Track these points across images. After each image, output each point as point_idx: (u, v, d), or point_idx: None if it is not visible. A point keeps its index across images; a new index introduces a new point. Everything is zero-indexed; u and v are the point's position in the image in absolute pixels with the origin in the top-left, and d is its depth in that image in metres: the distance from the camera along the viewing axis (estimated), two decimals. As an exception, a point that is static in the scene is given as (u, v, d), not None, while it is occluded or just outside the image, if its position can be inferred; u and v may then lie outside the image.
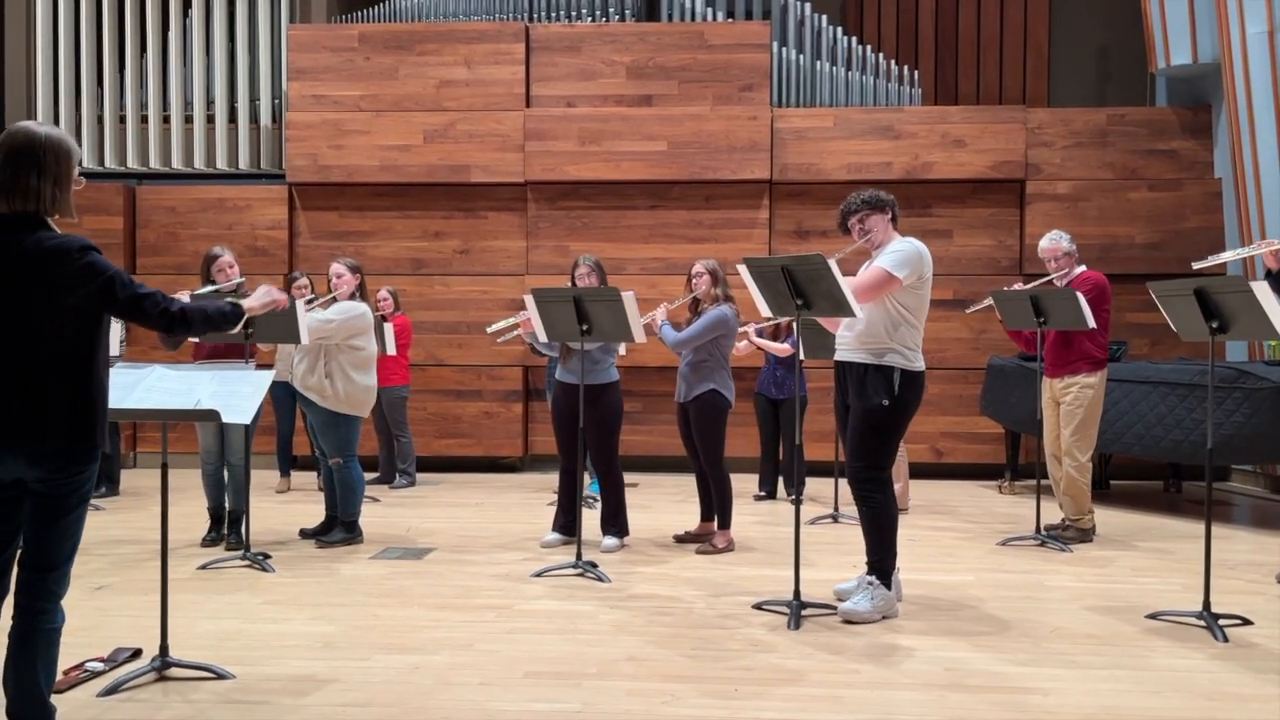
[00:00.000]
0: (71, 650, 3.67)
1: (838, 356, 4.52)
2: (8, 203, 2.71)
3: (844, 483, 7.05)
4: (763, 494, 7.59)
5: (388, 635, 4.01)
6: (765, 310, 4.53)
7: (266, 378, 3.52)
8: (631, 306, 4.95)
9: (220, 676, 3.47)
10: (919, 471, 7.86)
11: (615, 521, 5.76)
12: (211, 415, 3.33)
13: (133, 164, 9.85)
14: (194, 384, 3.47)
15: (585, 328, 5.05)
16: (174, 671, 3.49)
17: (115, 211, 9.32)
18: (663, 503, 7.36)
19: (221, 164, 9.80)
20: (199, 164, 9.82)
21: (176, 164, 9.83)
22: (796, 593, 4.29)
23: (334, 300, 5.82)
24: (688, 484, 8.19)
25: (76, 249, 2.72)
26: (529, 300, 5.25)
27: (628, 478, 6.69)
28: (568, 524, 5.89)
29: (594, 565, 5.07)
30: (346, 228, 9.32)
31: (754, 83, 9.08)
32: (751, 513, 6.97)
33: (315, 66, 9.23)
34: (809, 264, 4.12)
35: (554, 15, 9.59)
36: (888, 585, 4.30)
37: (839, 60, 9.45)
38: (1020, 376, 7.68)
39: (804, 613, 4.22)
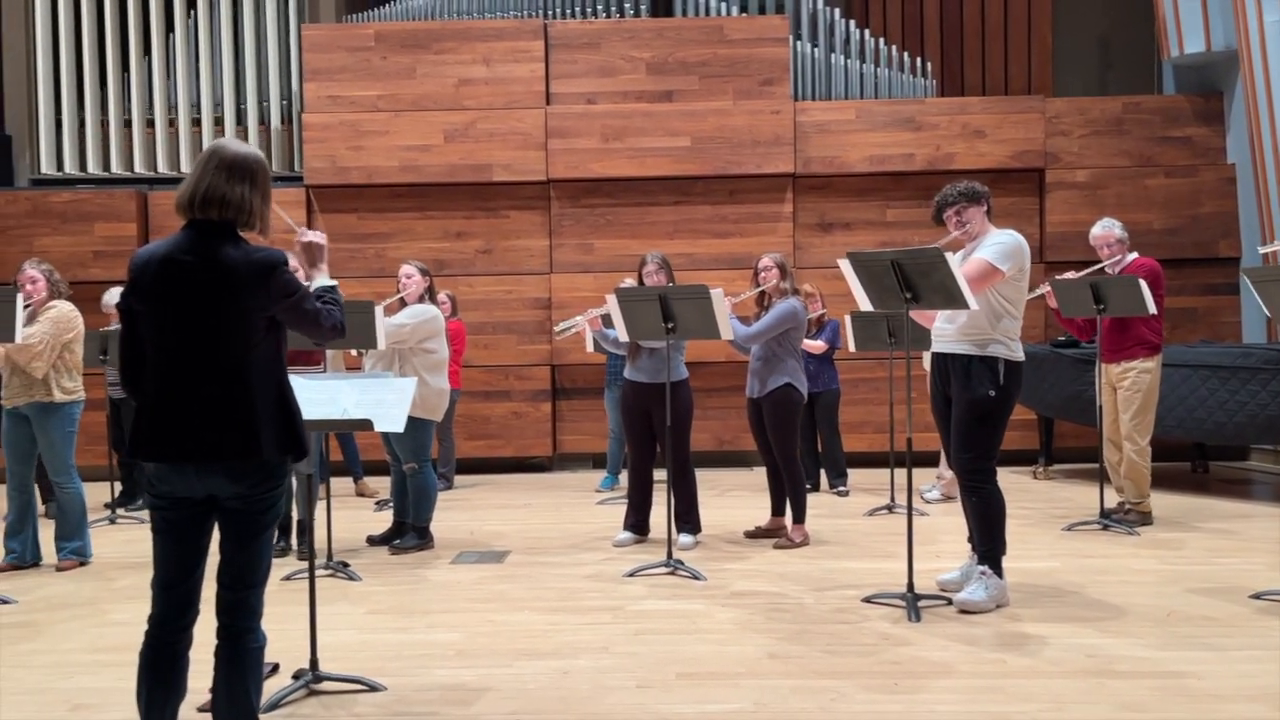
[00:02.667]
0: (202, 669, 3.61)
1: (936, 349, 4.54)
2: (219, 211, 2.64)
3: (900, 473, 7.17)
4: (808, 485, 7.61)
5: (514, 641, 3.98)
6: (865, 304, 4.54)
7: (410, 385, 3.47)
8: (720, 304, 4.95)
9: (372, 688, 3.42)
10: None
11: (689, 518, 5.75)
12: (364, 424, 3.28)
13: (140, 169, 9.63)
14: (335, 393, 3.41)
15: (670, 326, 5.04)
16: (322, 685, 3.43)
17: (128, 218, 9.11)
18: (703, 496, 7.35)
19: (232, 167, 9.61)
20: (209, 167, 9.63)
21: (185, 168, 9.62)
22: (910, 585, 4.31)
23: (403, 303, 5.75)
24: (726, 479, 8.29)
25: (282, 261, 2.67)
26: (611, 300, 5.22)
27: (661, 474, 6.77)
28: (639, 522, 5.88)
29: (681, 563, 5.07)
30: (366, 230, 9.20)
31: (774, 76, 9.11)
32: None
33: (331, 67, 9.08)
34: (924, 257, 4.15)
35: (568, 12, 9.53)
36: (999, 574, 4.35)
37: (852, 53, 9.51)
38: (1053, 362, 7.80)
39: (919, 604, 4.25)
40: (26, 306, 5.00)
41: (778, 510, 5.99)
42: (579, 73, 9.13)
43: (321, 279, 2.95)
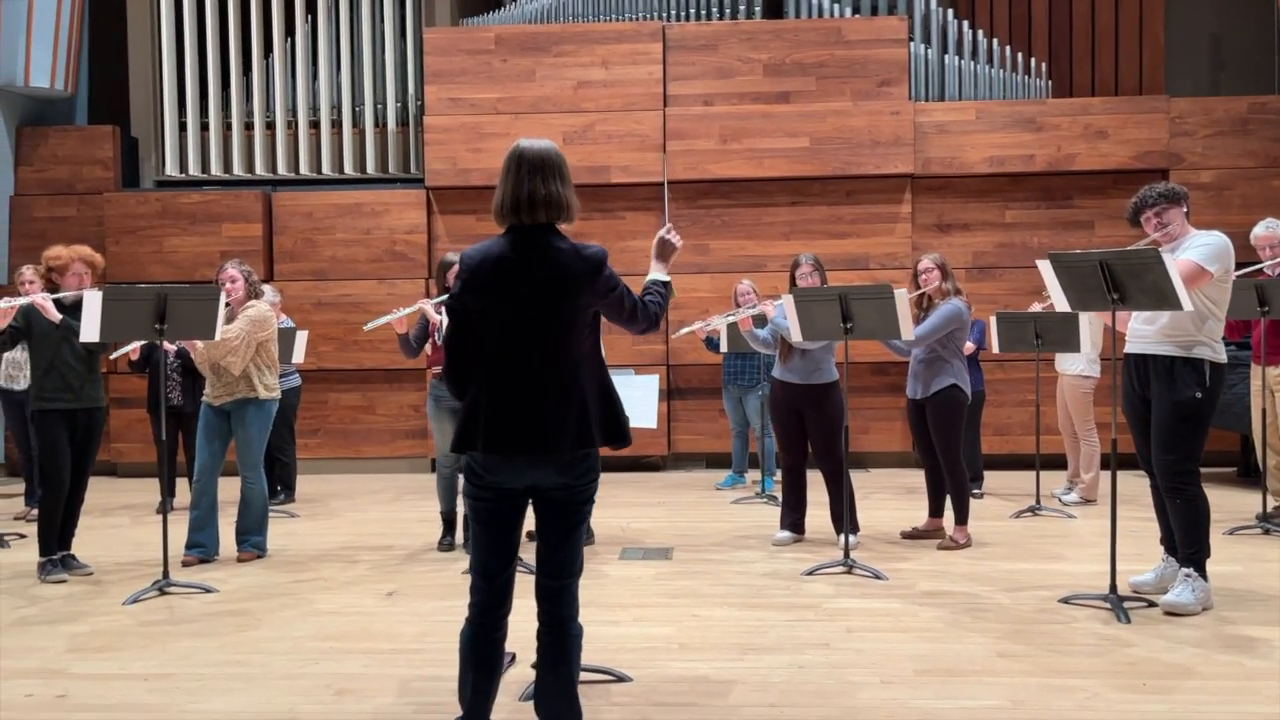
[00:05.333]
0: (429, 657, 3.70)
1: (1134, 349, 4.52)
2: (546, 213, 2.71)
3: (1045, 475, 7.14)
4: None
5: (730, 635, 4.03)
6: (1063, 305, 4.53)
7: (654, 381, 3.53)
8: (903, 304, 4.97)
9: (619, 679, 3.48)
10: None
11: (849, 518, 5.76)
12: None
13: (261, 170, 9.83)
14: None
15: (848, 325, 5.07)
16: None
17: (254, 218, 9.30)
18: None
19: (350, 169, 9.79)
20: (327, 169, 9.81)
21: (305, 170, 9.82)
22: (1113, 587, 4.32)
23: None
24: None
25: (605, 257, 2.74)
26: (786, 300, 5.26)
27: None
28: (797, 521, 5.92)
29: (856, 562, 5.10)
30: (484, 231, 9.28)
31: (892, 77, 9.10)
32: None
33: (452, 69, 9.22)
34: (1138, 258, 4.14)
35: (685, 14, 9.59)
36: (1204, 577, 4.33)
37: (965, 53, 9.48)
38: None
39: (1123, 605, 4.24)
40: (225, 305, 5.14)
41: (935, 511, 5.99)
42: (696, 74, 9.18)
43: (657, 273, 3.03)
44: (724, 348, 7.55)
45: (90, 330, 4.64)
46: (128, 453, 9.27)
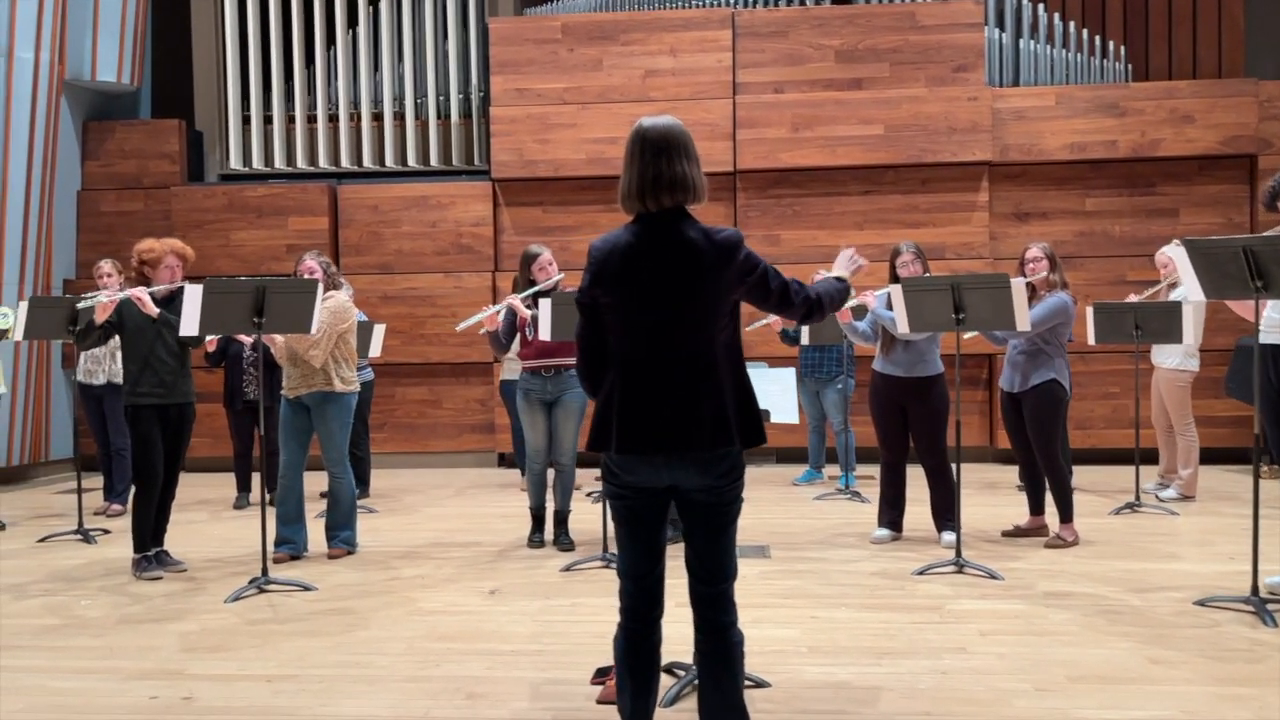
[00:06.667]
0: (551, 659, 3.59)
1: (1270, 340, 4.32)
2: (671, 197, 2.57)
3: (1144, 469, 6.91)
4: (1023, 484, 7.39)
5: (858, 639, 3.88)
6: (1197, 294, 4.33)
7: (790, 374, 3.39)
8: (1020, 294, 4.79)
9: (758, 684, 3.34)
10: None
11: (949, 515, 5.59)
12: (764, 415, 3.20)
13: (324, 164, 9.77)
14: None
15: (960, 316, 4.89)
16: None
17: (320, 212, 9.24)
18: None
19: (413, 161, 9.71)
20: (390, 162, 9.74)
21: (368, 162, 9.75)
22: (1254, 589, 4.12)
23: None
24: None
25: (741, 239, 2.58)
26: (895, 290, 5.08)
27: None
28: (895, 519, 5.75)
29: (969, 562, 4.93)
30: (551, 223, 9.20)
31: (968, 63, 8.87)
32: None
33: (518, 59, 9.10)
34: (1287, 244, 3.93)
35: (753, 0, 9.41)
36: (1350, 577, 4.12)
37: (1040, 37, 9.23)
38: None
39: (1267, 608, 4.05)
40: (325, 298, 5.04)
41: (1036, 509, 5.80)
42: (766, 61, 9.01)
43: (839, 272, 2.96)
44: (805, 339, 7.38)
45: (190, 324, 4.56)
46: (198, 447, 9.20)
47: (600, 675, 3.42)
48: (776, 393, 3.28)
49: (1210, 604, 4.24)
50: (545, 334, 5.16)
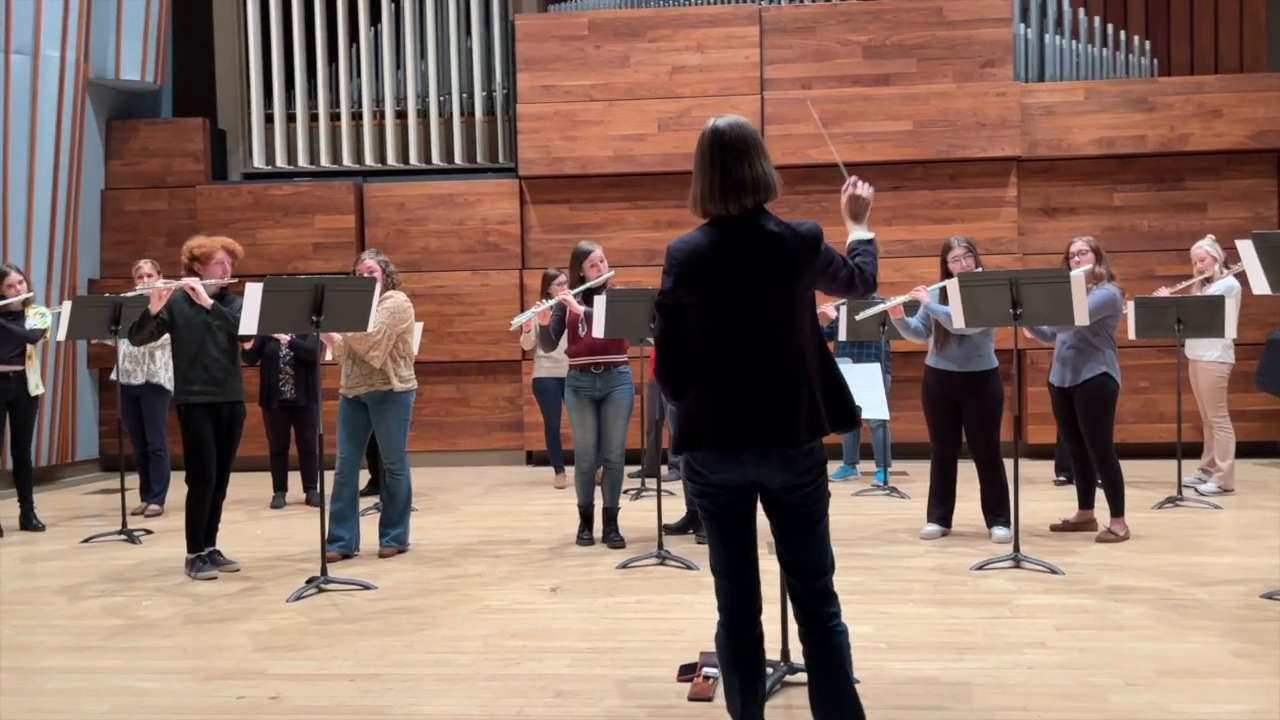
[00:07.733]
0: (631, 657, 3.58)
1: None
2: (752, 197, 2.55)
3: (1168, 464, 6.93)
4: (1061, 479, 7.42)
5: (931, 634, 3.88)
6: (1261, 287, 4.33)
7: (875, 369, 3.38)
8: (1080, 289, 4.79)
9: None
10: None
11: (1001, 510, 5.59)
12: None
13: (348, 161, 9.74)
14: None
15: (1017, 311, 4.88)
16: (797, 676, 3.35)
17: (346, 210, 9.22)
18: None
19: (437, 159, 9.67)
20: (414, 159, 9.70)
21: (392, 160, 9.72)
22: (1324, 581, 4.12)
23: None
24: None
25: (821, 232, 2.59)
26: (951, 285, 5.08)
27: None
28: (945, 515, 5.75)
29: (1027, 557, 4.92)
30: (578, 220, 9.18)
31: (996, 58, 8.87)
32: (1068, 496, 6.77)
33: (545, 56, 9.08)
34: (1361, 237, 3.93)
35: (779, -4, 9.40)
36: None
37: (1065, 32, 9.23)
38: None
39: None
40: (382, 297, 5.02)
41: (1086, 503, 5.81)
42: (794, 58, 9.00)
43: (859, 231, 2.84)
44: (842, 335, 7.35)
45: (250, 323, 4.54)
46: (224, 447, 9.21)
47: (686, 672, 3.41)
48: (864, 387, 3.26)
49: (1277, 597, 4.24)
50: (599, 330, 5.15)
